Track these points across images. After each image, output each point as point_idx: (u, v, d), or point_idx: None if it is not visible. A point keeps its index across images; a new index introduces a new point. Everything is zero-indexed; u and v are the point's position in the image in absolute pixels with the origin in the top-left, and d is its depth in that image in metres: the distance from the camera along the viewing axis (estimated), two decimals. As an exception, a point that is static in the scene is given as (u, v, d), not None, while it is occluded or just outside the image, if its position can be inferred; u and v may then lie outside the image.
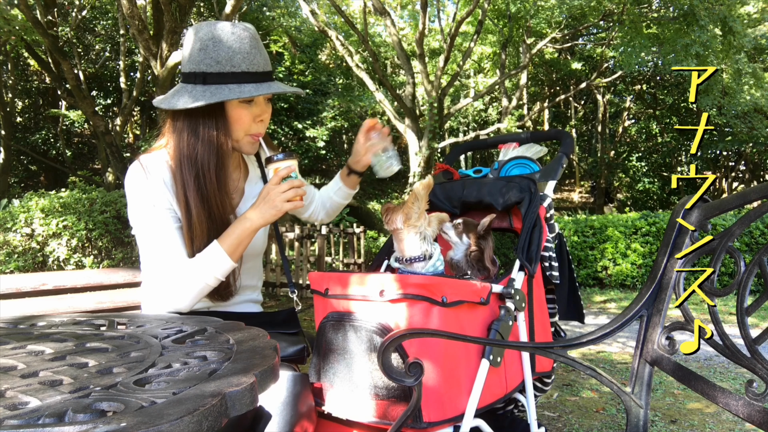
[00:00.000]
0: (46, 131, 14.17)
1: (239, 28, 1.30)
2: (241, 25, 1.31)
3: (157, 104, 1.33)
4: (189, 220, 1.31)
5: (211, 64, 1.27)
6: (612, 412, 2.79)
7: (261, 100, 1.36)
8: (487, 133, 12.27)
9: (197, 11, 13.65)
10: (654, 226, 7.63)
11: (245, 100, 1.32)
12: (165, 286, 1.30)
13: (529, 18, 12.55)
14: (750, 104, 10.50)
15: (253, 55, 1.30)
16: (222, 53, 1.27)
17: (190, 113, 1.31)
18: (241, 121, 1.34)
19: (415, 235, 1.41)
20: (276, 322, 1.49)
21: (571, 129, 17.47)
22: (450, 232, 1.56)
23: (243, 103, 1.32)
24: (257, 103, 1.35)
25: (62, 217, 5.77)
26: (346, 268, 7.51)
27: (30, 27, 7.40)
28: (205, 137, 1.31)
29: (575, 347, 1.12)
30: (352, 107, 14.19)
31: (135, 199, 1.33)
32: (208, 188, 1.32)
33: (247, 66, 1.29)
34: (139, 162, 1.35)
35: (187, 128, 1.32)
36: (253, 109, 1.34)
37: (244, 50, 1.28)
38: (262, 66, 1.32)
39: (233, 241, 1.30)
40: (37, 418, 0.52)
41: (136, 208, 1.32)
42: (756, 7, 11.43)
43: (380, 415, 1.20)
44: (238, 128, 1.34)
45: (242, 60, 1.28)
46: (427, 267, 1.41)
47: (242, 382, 0.62)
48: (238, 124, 1.34)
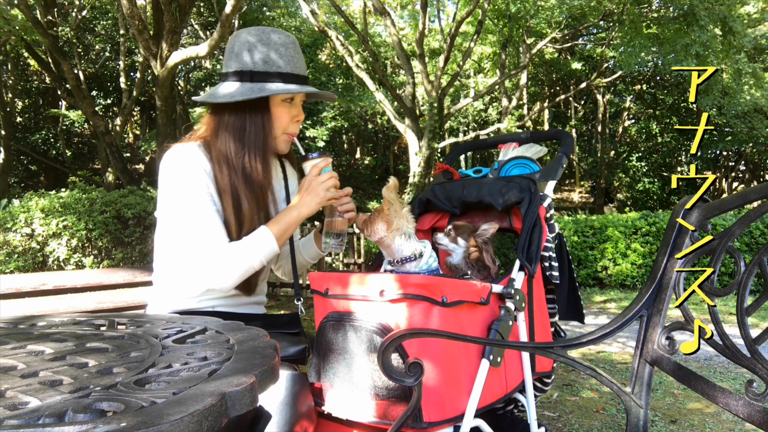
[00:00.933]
0: (46, 131, 14.17)
1: (283, 35, 1.42)
2: (284, 33, 1.43)
3: (201, 100, 1.41)
4: (238, 211, 1.38)
5: (259, 64, 1.38)
6: (612, 412, 2.79)
7: (298, 102, 1.46)
8: (487, 133, 12.27)
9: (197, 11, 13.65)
10: (654, 226, 7.63)
11: (286, 99, 1.42)
12: (208, 265, 1.33)
13: (529, 18, 12.55)
14: (750, 104, 10.49)
15: (296, 59, 1.42)
16: (270, 55, 1.39)
17: (236, 108, 1.39)
18: (281, 119, 1.43)
19: (400, 237, 1.41)
20: (279, 324, 1.50)
21: (571, 129, 17.46)
22: (444, 241, 1.56)
23: (285, 102, 1.43)
24: (295, 104, 1.45)
25: (62, 217, 5.76)
26: (346, 268, 7.51)
27: (30, 27, 7.40)
28: (251, 131, 1.40)
29: (575, 347, 1.12)
30: (352, 107, 14.20)
31: (174, 182, 1.36)
32: (254, 180, 1.39)
33: (291, 68, 1.41)
34: (178, 149, 1.39)
35: (233, 123, 1.40)
36: (292, 109, 1.45)
37: (289, 54, 1.41)
38: (302, 70, 1.44)
39: (281, 228, 1.37)
40: (37, 418, 0.52)
41: (175, 191, 1.36)
42: (756, 7, 11.43)
43: (380, 415, 1.20)
44: (278, 125, 1.43)
45: (287, 62, 1.40)
46: (420, 265, 1.41)
47: (242, 382, 0.62)
48: (278, 121, 1.43)
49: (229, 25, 5.46)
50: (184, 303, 1.44)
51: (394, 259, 1.43)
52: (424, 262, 1.41)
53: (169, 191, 1.37)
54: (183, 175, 1.35)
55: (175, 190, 1.36)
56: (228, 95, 1.37)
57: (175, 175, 1.36)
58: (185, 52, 6.00)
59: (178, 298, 1.44)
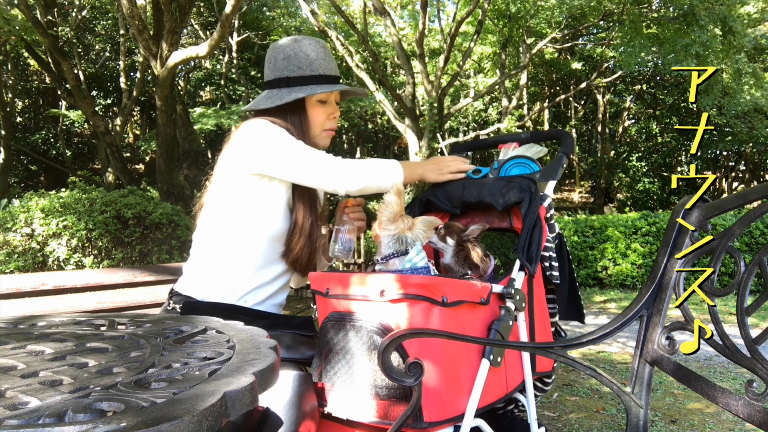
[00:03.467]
0: (46, 131, 14.17)
1: (314, 41, 1.57)
2: (314, 39, 1.58)
3: (247, 108, 1.59)
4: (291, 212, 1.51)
5: (294, 70, 1.53)
6: (612, 412, 2.79)
7: (332, 100, 1.60)
8: (487, 133, 12.26)
9: (197, 11, 13.65)
10: (654, 226, 7.63)
11: (321, 99, 1.56)
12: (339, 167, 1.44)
13: (529, 18, 12.54)
14: (750, 104, 10.48)
15: (327, 61, 1.57)
16: (303, 61, 1.54)
17: (278, 113, 1.53)
18: (318, 117, 1.57)
19: (387, 235, 1.42)
20: (292, 325, 1.51)
21: (571, 129, 17.45)
22: (434, 240, 1.57)
23: (319, 102, 1.56)
24: (330, 103, 1.59)
25: (62, 217, 5.76)
26: (346, 268, 7.51)
27: (30, 27, 7.40)
28: (293, 132, 1.50)
29: (575, 347, 1.12)
30: (352, 107, 14.19)
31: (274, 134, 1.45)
32: None
33: (323, 70, 1.55)
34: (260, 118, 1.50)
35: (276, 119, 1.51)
36: (327, 108, 1.58)
37: (320, 57, 1.55)
38: (333, 71, 1.58)
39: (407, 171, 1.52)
40: (37, 418, 0.52)
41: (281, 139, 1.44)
42: (756, 7, 11.42)
43: (381, 415, 1.20)
44: (315, 124, 1.57)
45: (319, 65, 1.55)
46: (404, 263, 1.41)
47: (242, 382, 0.62)
48: (315, 120, 1.57)
49: (229, 25, 5.46)
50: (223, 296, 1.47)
51: (380, 256, 1.43)
52: (408, 259, 1.40)
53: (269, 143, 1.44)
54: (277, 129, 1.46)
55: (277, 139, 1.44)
56: (269, 101, 1.52)
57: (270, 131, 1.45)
58: (185, 52, 6.00)
59: (220, 290, 1.47)
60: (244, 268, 1.48)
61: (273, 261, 1.52)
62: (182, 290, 1.52)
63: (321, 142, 1.61)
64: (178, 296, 1.51)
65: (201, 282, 1.51)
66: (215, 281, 1.49)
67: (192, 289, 1.51)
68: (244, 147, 1.46)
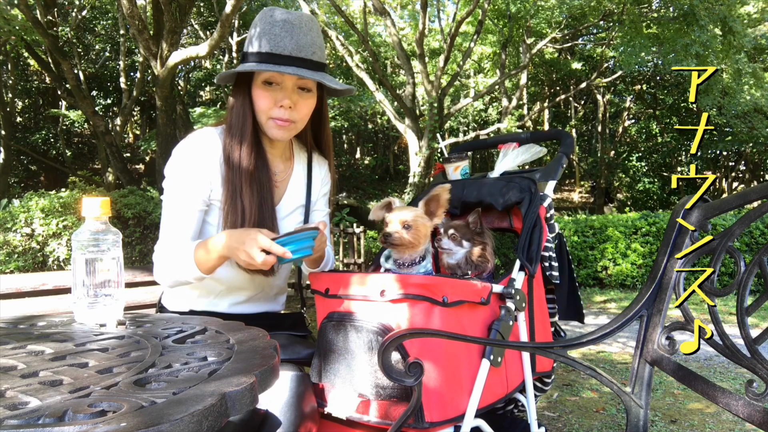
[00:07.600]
0: (46, 131, 14.17)
1: (287, 13, 1.29)
2: (294, 12, 1.30)
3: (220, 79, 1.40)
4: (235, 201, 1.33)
5: (248, 46, 1.32)
6: (612, 412, 2.79)
7: (288, 86, 1.31)
8: (487, 133, 12.25)
9: (197, 11, 13.65)
10: (654, 226, 7.63)
11: (266, 81, 1.30)
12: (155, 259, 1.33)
13: (529, 18, 12.54)
14: (750, 104, 10.48)
15: (281, 37, 1.26)
16: (268, 35, 1.27)
17: (233, 92, 1.37)
18: (260, 102, 1.32)
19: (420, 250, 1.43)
20: (285, 326, 1.50)
21: (571, 129, 17.46)
22: (448, 245, 1.54)
23: (265, 84, 1.31)
24: (282, 88, 1.30)
25: (62, 217, 5.76)
26: (347, 268, 7.51)
27: (30, 27, 7.39)
28: (234, 115, 1.35)
29: (575, 347, 1.12)
30: (352, 107, 14.20)
31: (172, 171, 1.35)
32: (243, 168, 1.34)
33: (271, 47, 1.26)
34: (194, 135, 1.37)
35: (229, 107, 1.39)
36: (274, 93, 1.31)
37: (273, 32, 1.27)
38: (289, 50, 1.27)
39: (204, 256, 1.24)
40: (37, 418, 0.52)
41: (169, 180, 1.35)
42: (756, 7, 11.42)
43: (381, 415, 1.20)
44: (259, 110, 1.33)
45: (267, 41, 1.27)
46: (418, 269, 1.42)
47: (242, 382, 0.62)
48: (258, 104, 1.33)
49: (229, 25, 5.45)
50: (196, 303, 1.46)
51: (404, 262, 1.42)
52: (423, 265, 1.42)
53: (165, 179, 1.37)
54: (181, 166, 1.35)
55: (168, 178, 1.36)
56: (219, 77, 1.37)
57: (175, 164, 1.35)
58: (185, 52, 5.99)
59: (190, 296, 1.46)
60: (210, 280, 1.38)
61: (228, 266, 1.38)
62: (168, 301, 1.51)
63: (269, 132, 1.35)
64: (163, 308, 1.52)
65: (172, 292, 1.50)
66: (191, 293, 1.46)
67: (173, 300, 1.49)
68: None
